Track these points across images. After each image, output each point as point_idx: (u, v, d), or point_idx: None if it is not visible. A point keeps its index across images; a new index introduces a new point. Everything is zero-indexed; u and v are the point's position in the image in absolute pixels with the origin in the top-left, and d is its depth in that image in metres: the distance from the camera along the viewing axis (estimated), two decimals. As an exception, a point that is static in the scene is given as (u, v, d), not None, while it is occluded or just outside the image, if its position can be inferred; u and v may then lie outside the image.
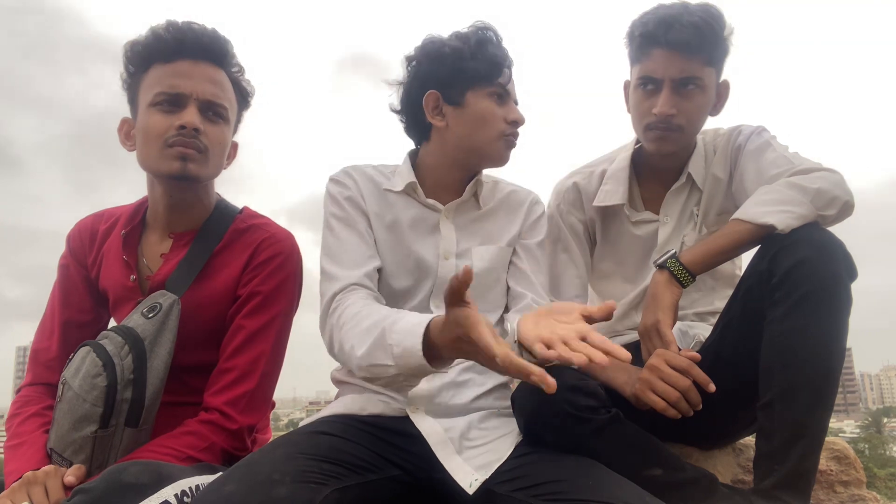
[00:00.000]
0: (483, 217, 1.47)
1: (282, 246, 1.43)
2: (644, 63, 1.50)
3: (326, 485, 1.02)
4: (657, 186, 1.65)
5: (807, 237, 1.25)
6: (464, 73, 1.36)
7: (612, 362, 0.84)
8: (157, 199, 1.41)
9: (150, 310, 1.30)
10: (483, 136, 1.38)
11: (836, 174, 1.37)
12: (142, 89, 1.35)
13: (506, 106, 1.40)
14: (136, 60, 1.35)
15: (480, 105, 1.37)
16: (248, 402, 1.32)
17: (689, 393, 1.22)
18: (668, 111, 1.47)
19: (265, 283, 1.38)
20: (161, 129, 1.30)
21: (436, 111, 1.40)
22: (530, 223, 1.50)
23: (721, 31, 1.47)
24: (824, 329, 1.20)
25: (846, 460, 1.60)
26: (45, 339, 1.45)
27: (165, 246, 1.42)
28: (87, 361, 1.22)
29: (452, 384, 1.32)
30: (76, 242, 1.49)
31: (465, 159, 1.42)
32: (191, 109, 1.31)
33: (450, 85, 1.37)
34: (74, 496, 0.98)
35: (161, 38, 1.33)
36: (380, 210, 1.42)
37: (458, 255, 1.41)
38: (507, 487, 1.11)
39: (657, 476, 1.23)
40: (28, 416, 1.34)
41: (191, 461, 1.21)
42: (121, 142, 1.39)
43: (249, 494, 0.94)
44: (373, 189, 1.44)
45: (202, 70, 1.34)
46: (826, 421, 1.22)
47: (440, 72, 1.38)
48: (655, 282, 1.39)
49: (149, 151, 1.33)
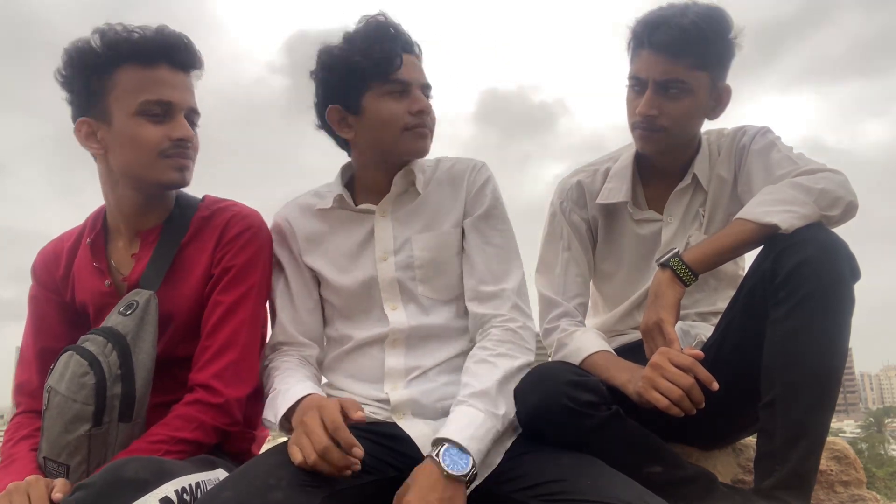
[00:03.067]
0: (424, 202, 1.43)
1: (249, 220, 1.43)
2: (633, 63, 1.51)
3: (322, 489, 1.04)
4: (661, 186, 1.65)
5: (811, 237, 1.25)
6: (354, 77, 1.34)
7: (613, 361, 0.84)
8: (124, 201, 1.39)
9: (127, 307, 1.30)
10: (388, 136, 1.36)
11: (839, 175, 1.37)
12: (114, 91, 1.31)
13: (406, 99, 1.35)
14: (97, 60, 1.30)
15: (378, 107, 1.35)
16: (233, 374, 1.32)
17: (691, 391, 1.22)
18: (648, 112, 1.47)
19: (236, 258, 1.38)
20: (155, 140, 1.31)
21: (342, 124, 1.39)
22: (473, 194, 1.42)
23: (716, 34, 1.45)
24: (827, 329, 1.20)
25: (846, 460, 1.60)
26: (24, 371, 1.46)
27: (135, 246, 1.42)
28: (71, 364, 1.22)
29: (433, 389, 1.32)
30: (42, 270, 1.49)
31: (384, 160, 1.42)
32: (182, 120, 1.33)
33: (346, 95, 1.36)
34: (75, 492, 0.99)
35: (132, 39, 1.31)
36: (316, 232, 1.44)
37: (397, 250, 1.40)
38: (506, 488, 1.12)
39: (657, 473, 1.23)
40: (19, 440, 1.35)
41: (184, 444, 1.22)
42: (81, 143, 1.37)
43: (246, 500, 0.95)
44: (303, 220, 1.46)
45: (182, 79, 1.35)
46: (827, 421, 1.23)
47: (335, 83, 1.37)
48: (658, 280, 1.39)
49: (140, 160, 1.32)
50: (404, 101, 1.35)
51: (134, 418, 1.25)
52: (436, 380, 1.33)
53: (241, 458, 1.33)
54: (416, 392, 1.31)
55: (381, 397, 1.31)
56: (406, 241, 1.40)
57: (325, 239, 1.44)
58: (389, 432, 1.26)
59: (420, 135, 1.37)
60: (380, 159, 1.42)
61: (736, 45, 1.49)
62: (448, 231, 1.41)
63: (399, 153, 1.39)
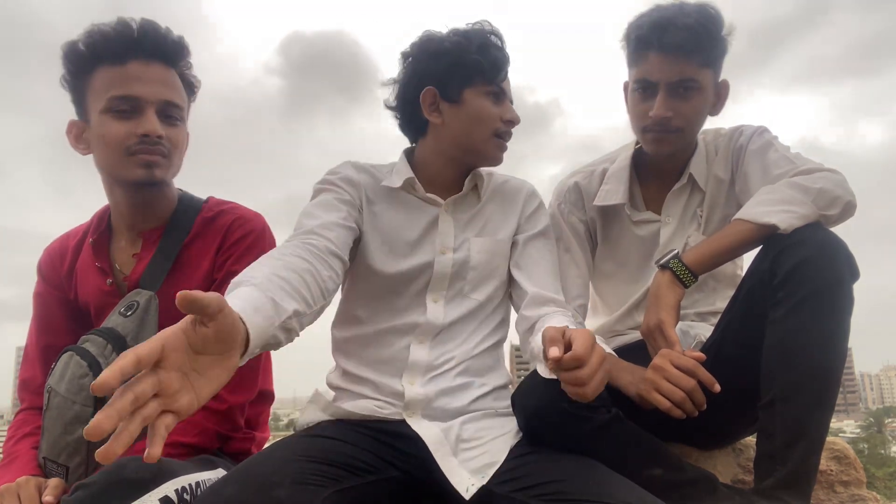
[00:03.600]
0: (482, 209, 1.47)
1: (252, 224, 1.43)
2: (640, 66, 1.50)
3: (325, 487, 1.03)
4: (658, 187, 1.65)
5: (809, 237, 1.25)
6: (463, 70, 1.37)
7: (614, 362, 0.84)
8: (119, 201, 1.40)
9: (127, 308, 1.30)
10: (479, 134, 1.39)
11: (837, 174, 1.37)
12: (91, 91, 1.31)
13: (502, 105, 1.41)
14: (80, 61, 1.30)
15: (477, 103, 1.38)
16: (237, 380, 1.31)
17: (694, 393, 1.22)
18: (665, 114, 1.47)
19: (239, 262, 1.37)
20: (120, 137, 1.28)
21: (433, 108, 1.40)
22: (528, 215, 1.49)
23: (717, 31, 1.47)
24: (826, 329, 1.20)
25: (846, 460, 1.60)
26: (29, 368, 1.45)
27: (136, 246, 1.42)
28: (71, 365, 1.22)
29: (449, 389, 1.32)
30: (48, 267, 1.48)
31: (461, 157, 1.43)
32: (150, 115, 1.30)
33: (448, 82, 1.38)
34: (75, 491, 0.98)
35: (108, 37, 1.29)
36: (378, 203, 1.43)
37: (456, 248, 1.41)
38: (506, 488, 1.11)
39: (657, 476, 1.23)
40: (21, 437, 1.35)
41: (185, 447, 1.21)
42: (71, 145, 1.37)
43: (249, 496, 0.94)
44: (372, 182, 1.45)
45: (155, 72, 1.32)
46: (827, 421, 1.22)
47: (438, 68, 1.38)
48: (658, 282, 1.39)
49: (109, 159, 1.32)
50: (499, 107, 1.40)
51: None
52: (454, 381, 1.33)
53: (241, 459, 1.32)
54: (433, 391, 1.30)
55: (396, 390, 1.30)
56: (465, 241, 1.42)
57: (383, 214, 1.43)
58: (396, 431, 1.25)
59: (502, 146, 1.42)
60: (457, 153, 1.43)
61: (728, 40, 1.50)
62: (503, 240, 1.45)
63: (480, 154, 1.42)
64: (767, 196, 1.36)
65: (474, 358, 1.37)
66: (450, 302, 1.39)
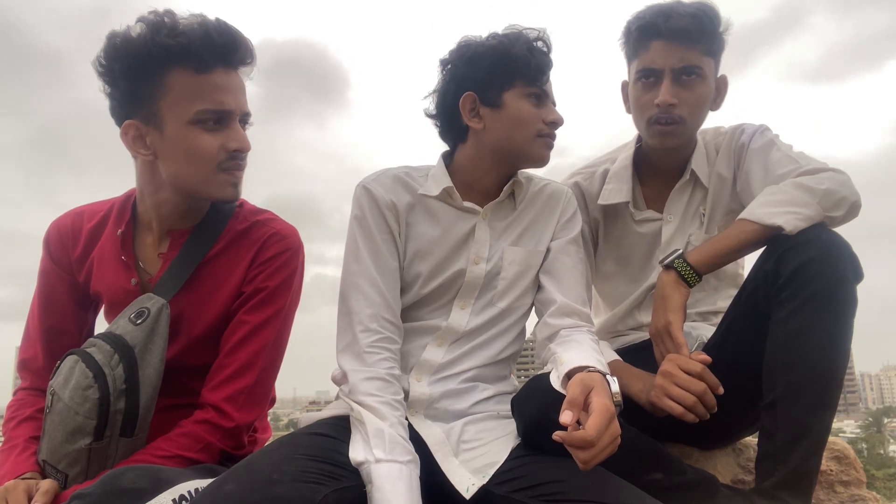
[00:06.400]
0: (519, 217, 1.45)
1: (288, 242, 1.39)
2: (643, 56, 1.50)
3: (326, 485, 1.02)
4: (660, 185, 1.65)
5: (814, 238, 1.25)
6: (502, 73, 1.35)
7: (624, 369, 0.82)
8: (165, 205, 1.34)
9: (137, 315, 1.25)
10: (521, 136, 1.37)
11: (842, 174, 1.37)
12: (166, 95, 1.22)
13: (544, 107, 1.38)
14: (150, 59, 1.20)
15: (518, 106, 1.36)
16: (247, 399, 1.29)
17: (704, 396, 1.21)
18: (670, 100, 1.47)
19: (271, 279, 1.34)
20: (213, 151, 1.24)
21: (472, 113, 1.38)
22: (564, 221, 1.47)
23: (717, 23, 1.48)
24: (829, 330, 1.20)
25: (846, 460, 1.60)
26: (30, 347, 1.41)
27: (163, 245, 1.37)
28: (76, 372, 1.19)
29: (454, 392, 1.32)
30: (56, 244, 1.41)
31: (504, 160, 1.41)
32: (237, 127, 1.26)
33: (487, 87, 1.36)
34: (72, 500, 0.97)
35: (191, 39, 1.20)
36: (414, 213, 1.41)
37: (490, 257, 1.40)
38: (505, 488, 1.11)
39: (658, 480, 1.23)
40: (22, 420, 1.32)
41: (187, 462, 1.20)
42: (128, 147, 1.28)
43: (249, 493, 0.94)
44: (408, 193, 1.41)
45: (236, 81, 1.27)
46: (829, 422, 1.22)
47: (477, 73, 1.37)
48: (663, 282, 1.38)
49: (195, 173, 1.26)
50: (541, 109, 1.37)
51: (136, 433, 1.21)
52: (460, 384, 1.33)
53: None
54: (438, 391, 1.30)
55: (402, 386, 1.29)
56: (499, 250, 1.41)
57: (418, 225, 1.41)
58: None
59: (548, 144, 1.40)
60: (499, 158, 1.41)
61: (725, 38, 1.52)
62: (537, 251, 1.43)
63: (524, 156, 1.40)
64: (773, 197, 1.35)
65: (488, 366, 1.37)
66: (476, 309, 1.39)
